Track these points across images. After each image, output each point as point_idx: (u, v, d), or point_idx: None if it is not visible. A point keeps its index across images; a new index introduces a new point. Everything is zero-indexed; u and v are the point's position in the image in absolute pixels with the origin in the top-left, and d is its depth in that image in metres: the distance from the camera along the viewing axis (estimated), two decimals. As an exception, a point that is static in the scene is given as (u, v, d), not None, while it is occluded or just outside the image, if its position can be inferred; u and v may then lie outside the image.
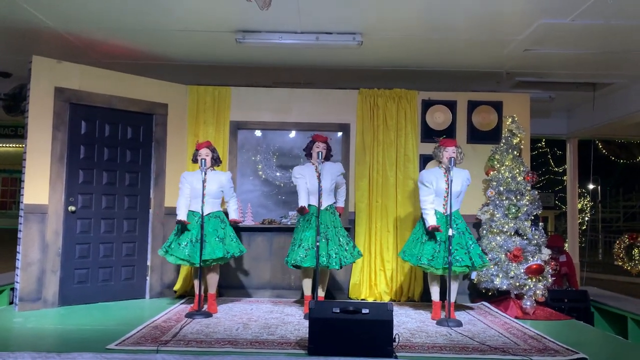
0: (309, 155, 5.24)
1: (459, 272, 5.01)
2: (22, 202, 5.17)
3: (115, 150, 5.75)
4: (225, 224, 5.20)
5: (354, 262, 5.33)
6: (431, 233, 4.96)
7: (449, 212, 4.90)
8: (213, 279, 5.26)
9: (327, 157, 5.19)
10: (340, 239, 5.09)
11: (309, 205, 5.08)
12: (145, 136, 5.97)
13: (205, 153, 5.18)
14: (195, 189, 5.11)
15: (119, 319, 4.83)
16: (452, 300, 4.97)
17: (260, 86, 6.63)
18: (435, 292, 5.15)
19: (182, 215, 5.13)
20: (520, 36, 5.24)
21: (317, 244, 4.75)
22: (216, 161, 5.28)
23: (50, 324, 4.67)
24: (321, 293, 5.16)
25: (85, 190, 5.54)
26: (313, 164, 5.16)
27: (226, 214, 5.38)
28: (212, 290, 5.27)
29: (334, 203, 5.26)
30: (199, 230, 4.98)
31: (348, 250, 5.09)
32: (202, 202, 4.98)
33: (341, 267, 5.08)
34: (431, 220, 4.96)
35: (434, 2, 4.50)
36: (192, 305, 5.24)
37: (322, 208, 5.06)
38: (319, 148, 5.11)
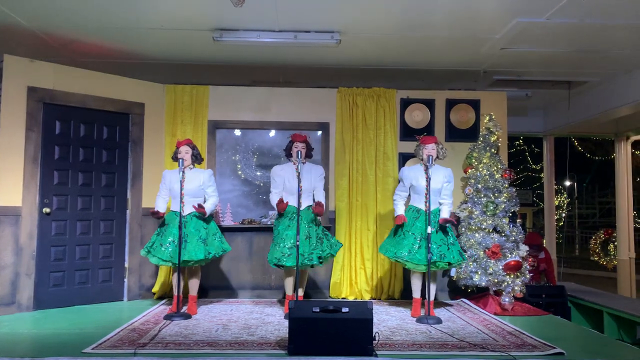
0: (289, 155, 5.23)
1: (440, 268, 5.04)
2: (-6, 204, 5.07)
3: (91, 151, 5.66)
4: (207, 224, 5.12)
5: (334, 255, 5.24)
6: (412, 230, 4.96)
7: (432, 208, 4.93)
8: (194, 281, 5.21)
9: (308, 155, 5.20)
10: (321, 235, 5.09)
11: (288, 205, 5.06)
12: (121, 136, 5.89)
13: (185, 150, 5.11)
14: (174, 188, 5.05)
15: (96, 322, 4.75)
16: (432, 298, 4.99)
17: (239, 85, 6.58)
18: (416, 289, 5.18)
19: (158, 209, 5.09)
20: (497, 35, 5.29)
21: (297, 243, 4.74)
22: (197, 158, 5.21)
23: (25, 328, 4.56)
24: (300, 292, 5.15)
25: (60, 192, 5.43)
26: (294, 164, 5.13)
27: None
28: (194, 292, 5.21)
29: (313, 204, 5.21)
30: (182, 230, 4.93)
31: (329, 242, 5.11)
32: (181, 201, 4.93)
33: (321, 262, 5.02)
34: (399, 211, 5.11)
35: (411, 1, 4.52)
36: (170, 307, 5.18)
37: (302, 208, 5.04)
38: (297, 147, 5.09)
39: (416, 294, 5.18)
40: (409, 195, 5.21)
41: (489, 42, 5.50)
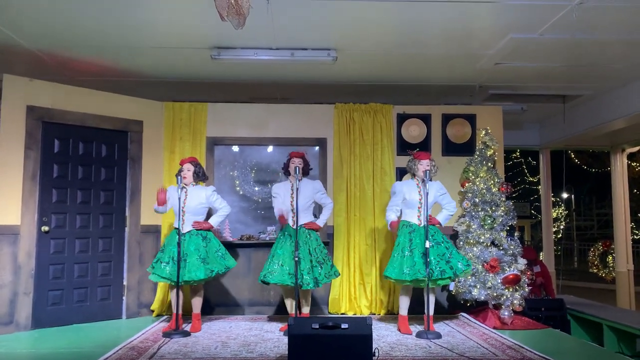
0: (287, 172, 5.27)
1: (442, 284, 5.03)
2: (-7, 223, 5.06)
3: (90, 169, 5.68)
4: (207, 241, 5.09)
5: (329, 281, 5.22)
6: (411, 247, 4.95)
7: (423, 224, 4.97)
8: (197, 299, 5.19)
9: (306, 172, 5.23)
10: (318, 257, 5.05)
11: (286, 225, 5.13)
12: (120, 154, 5.91)
13: (187, 168, 5.14)
14: (175, 204, 5.08)
15: (95, 340, 4.74)
16: (431, 313, 4.98)
17: (237, 102, 6.63)
18: (404, 307, 5.13)
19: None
20: (491, 50, 5.35)
21: (296, 259, 4.75)
22: (198, 176, 5.20)
23: (23, 348, 4.54)
24: (305, 310, 5.17)
25: (58, 210, 5.44)
26: (290, 182, 5.18)
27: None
28: (197, 310, 5.20)
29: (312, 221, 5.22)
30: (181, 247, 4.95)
31: (324, 269, 5.05)
32: (181, 219, 4.96)
33: (317, 286, 4.98)
34: (392, 219, 5.11)
35: (406, 18, 4.58)
36: (169, 324, 5.16)
37: (294, 227, 5.07)
38: (295, 163, 5.14)
39: (404, 311, 5.13)
40: (402, 209, 5.19)
41: (484, 58, 5.56)
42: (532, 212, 18.67)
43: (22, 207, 5.17)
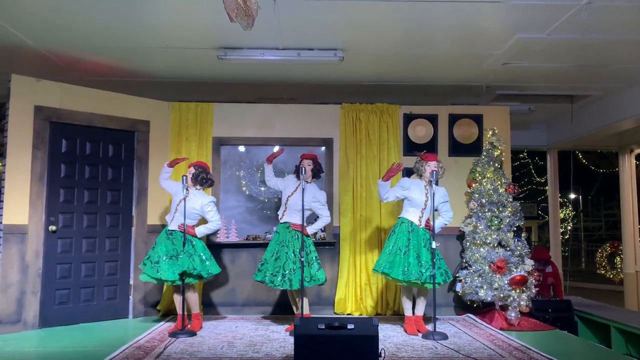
0: (297, 175, 5.25)
1: (429, 287, 4.97)
2: (1, 223, 5.08)
3: (97, 169, 5.70)
4: (193, 244, 5.05)
5: (309, 285, 5.09)
6: (409, 246, 4.93)
7: (422, 226, 4.98)
8: (191, 298, 5.16)
9: (315, 174, 5.30)
10: (302, 258, 4.92)
11: (280, 223, 5.25)
12: (127, 154, 5.93)
13: (189, 171, 5.22)
14: (174, 200, 5.19)
15: (102, 340, 4.76)
16: (420, 313, 5.07)
17: (243, 102, 6.64)
18: (408, 307, 5.14)
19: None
20: (498, 50, 5.33)
21: (302, 259, 4.77)
22: (197, 180, 5.18)
23: (30, 346, 4.57)
24: (296, 310, 5.20)
25: (66, 209, 5.46)
26: (298, 180, 5.20)
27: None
28: (195, 310, 5.20)
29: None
30: (168, 246, 4.98)
31: (305, 271, 4.94)
32: (172, 215, 5.03)
33: (291, 288, 4.93)
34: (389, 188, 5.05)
35: (413, 18, 4.57)
36: (175, 323, 5.17)
37: (282, 222, 5.15)
38: (303, 164, 5.21)
39: (408, 312, 5.14)
40: (404, 206, 5.16)
41: (491, 58, 5.54)
42: (539, 212, 18.58)
43: (29, 207, 5.19)
